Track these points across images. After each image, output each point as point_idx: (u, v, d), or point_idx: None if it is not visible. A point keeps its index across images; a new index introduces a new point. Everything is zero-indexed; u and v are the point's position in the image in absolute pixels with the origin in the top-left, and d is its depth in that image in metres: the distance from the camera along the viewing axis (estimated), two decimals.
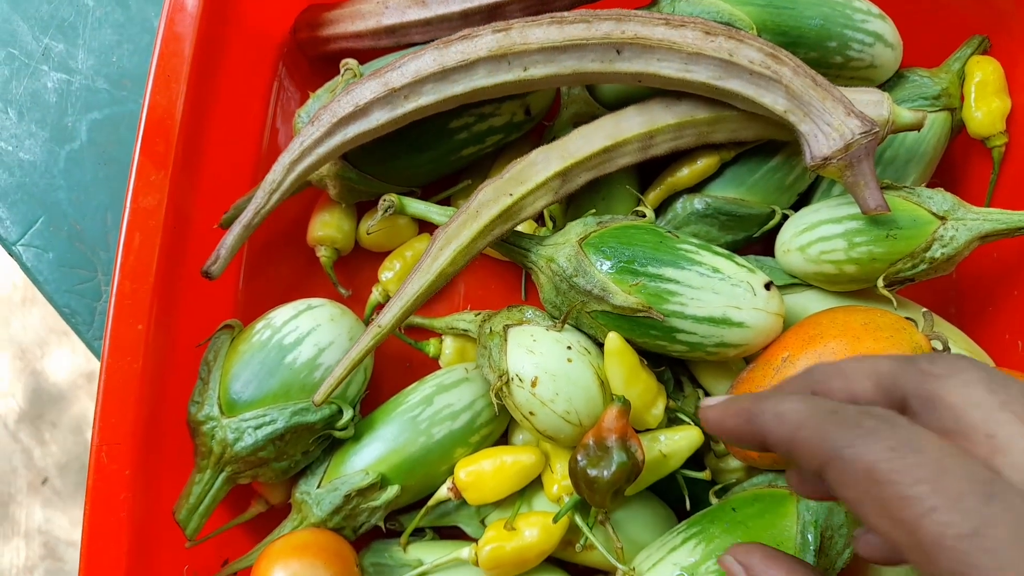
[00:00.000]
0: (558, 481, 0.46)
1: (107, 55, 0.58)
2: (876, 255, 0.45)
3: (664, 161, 0.49)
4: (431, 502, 0.48)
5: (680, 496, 0.47)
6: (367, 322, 0.54)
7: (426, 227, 0.55)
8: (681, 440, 0.45)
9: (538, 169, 0.46)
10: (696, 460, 0.48)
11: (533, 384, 0.44)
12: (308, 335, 0.47)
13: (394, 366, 0.54)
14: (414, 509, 0.49)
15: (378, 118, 0.46)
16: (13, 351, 1.28)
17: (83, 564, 0.42)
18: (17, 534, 1.22)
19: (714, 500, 0.47)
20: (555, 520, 0.44)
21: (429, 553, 0.48)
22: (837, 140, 0.43)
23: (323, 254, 0.53)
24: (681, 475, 0.46)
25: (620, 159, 0.47)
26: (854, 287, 0.48)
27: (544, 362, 0.44)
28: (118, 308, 0.43)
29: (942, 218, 0.45)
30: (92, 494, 0.42)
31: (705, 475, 0.46)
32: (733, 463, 0.48)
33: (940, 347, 0.42)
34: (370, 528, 0.48)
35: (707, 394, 0.49)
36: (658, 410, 0.45)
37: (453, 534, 0.50)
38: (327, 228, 0.53)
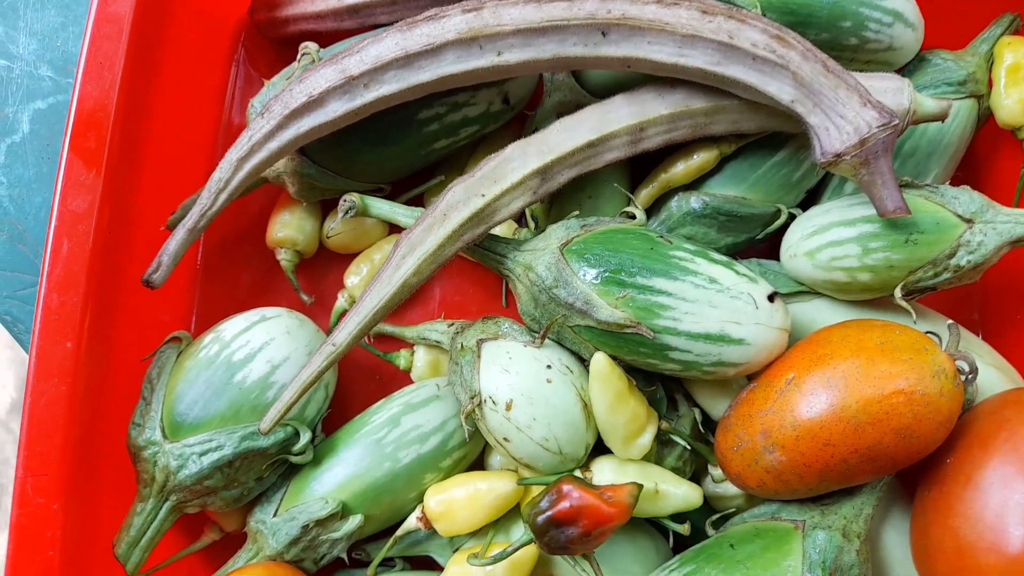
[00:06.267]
0: None
1: (51, 39, 0.53)
2: (894, 262, 0.40)
3: (657, 156, 0.45)
4: (399, 532, 0.44)
5: (679, 520, 0.42)
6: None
7: (397, 226, 0.51)
8: (679, 494, 0.41)
9: (514, 166, 0.41)
10: (692, 479, 0.44)
11: (508, 407, 0.39)
12: (260, 350, 0.42)
13: (362, 379, 0.50)
14: (383, 537, 0.45)
15: (335, 109, 0.41)
16: (3, 339, 1.25)
17: None
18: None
19: (711, 531, 0.43)
20: (503, 557, 0.39)
21: None
22: (851, 134, 0.38)
23: (284, 257, 0.49)
24: (662, 520, 0.42)
25: (607, 154, 0.43)
26: (868, 296, 0.43)
27: (520, 383, 0.39)
28: (44, 324, 0.39)
29: (969, 221, 0.40)
30: (15, 532, 0.38)
31: (684, 529, 0.42)
32: (732, 490, 0.44)
33: (967, 368, 0.37)
34: (332, 560, 0.44)
35: (704, 413, 0.45)
36: (645, 440, 0.40)
37: (426, 564, 0.46)
38: (287, 229, 0.48)
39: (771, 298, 0.39)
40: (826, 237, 0.42)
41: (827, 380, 0.37)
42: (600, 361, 0.39)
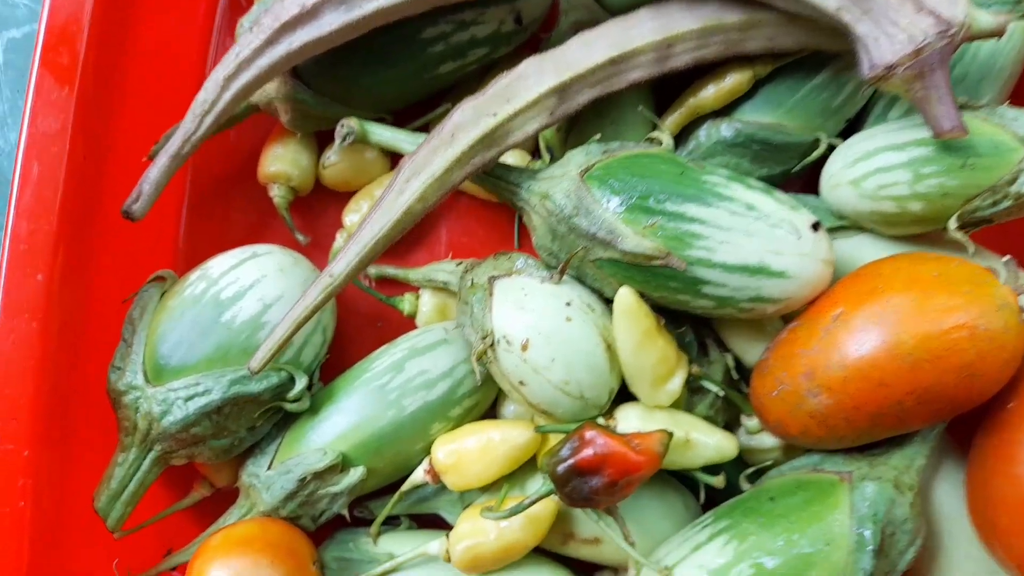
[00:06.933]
0: None
1: None
2: (948, 189, 0.37)
3: (685, 77, 0.41)
4: (405, 487, 0.40)
5: (710, 473, 0.39)
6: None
7: (399, 160, 0.47)
8: (712, 444, 0.37)
9: (529, 84, 0.37)
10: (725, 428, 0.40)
11: (524, 348, 0.36)
12: (251, 288, 0.39)
13: (363, 325, 0.46)
14: (387, 494, 0.42)
15: (331, 22, 0.37)
16: None
17: None
18: None
19: (746, 486, 0.39)
20: (521, 509, 0.35)
21: (403, 546, 0.41)
22: (905, 43, 0.35)
23: (277, 194, 0.45)
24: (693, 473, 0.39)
25: (630, 73, 0.39)
26: (917, 230, 0.39)
27: (537, 321, 0.36)
28: (12, 254, 0.36)
29: None
30: None
31: (718, 481, 0.38)
32: (769, 441, 0.40)
33: None
34: (332, 516, 0.41)
35: (736, 359, 0.41)
36: (675, 384, 0.37)
37: (434, 523, 0.43)
38: (280, 163, 0.45)
39: (815, 227, 0.36)
40: (873, 163, 0.38)
41: (878, 315, 0.33)
42: (626, 296, 0.35)
